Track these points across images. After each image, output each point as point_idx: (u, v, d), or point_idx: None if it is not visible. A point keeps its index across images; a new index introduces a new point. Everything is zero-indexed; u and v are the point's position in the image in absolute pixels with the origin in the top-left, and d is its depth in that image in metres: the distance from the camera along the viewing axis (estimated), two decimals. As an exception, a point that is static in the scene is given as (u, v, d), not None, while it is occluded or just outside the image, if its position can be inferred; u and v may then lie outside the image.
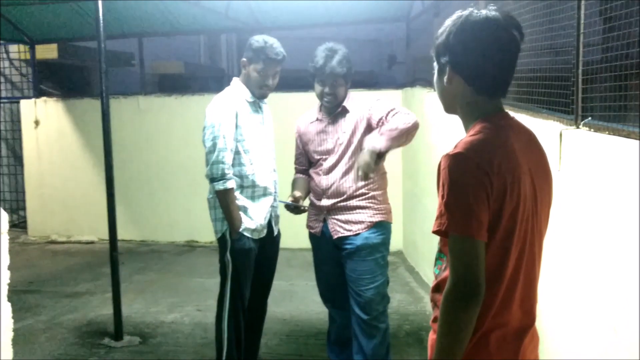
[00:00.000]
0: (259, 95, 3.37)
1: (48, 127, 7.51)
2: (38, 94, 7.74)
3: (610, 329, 2.11)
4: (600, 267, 2.21)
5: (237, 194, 3.26)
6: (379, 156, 2.88)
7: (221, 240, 3.33)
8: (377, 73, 12.14)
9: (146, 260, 6.51)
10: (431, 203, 4.89)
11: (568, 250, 2.46)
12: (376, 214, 3.18)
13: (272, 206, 3.44)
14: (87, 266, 6.31)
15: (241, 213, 3.27)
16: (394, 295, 5.11)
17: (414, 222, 5.88)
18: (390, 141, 2.89)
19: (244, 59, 3.33)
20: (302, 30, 7.91)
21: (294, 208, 3.28)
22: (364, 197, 3.18)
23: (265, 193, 3.37)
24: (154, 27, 7.43)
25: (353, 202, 3.18)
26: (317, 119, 3.31)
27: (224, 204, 3.22)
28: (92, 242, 7.34)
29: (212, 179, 3.21)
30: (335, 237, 3.21)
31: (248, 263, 3.34)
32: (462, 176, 1.47)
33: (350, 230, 3.18)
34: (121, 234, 4.50)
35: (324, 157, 3.25)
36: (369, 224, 3.17)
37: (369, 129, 3.13)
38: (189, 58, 10.80)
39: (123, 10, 6.53)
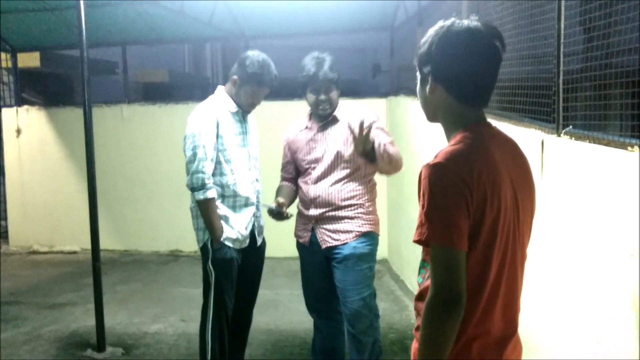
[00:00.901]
0: (245, 110, 3.38)
1: (30, 136, 7.44)
2: (20, 102, 7.67)
3: (593, 340, 2.12)
4: (583, 276, 2.22)
5: (218, 203, 3.25)
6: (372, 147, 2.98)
7: (203, 249, 3.32)
8: (361, 82, 12.18)
9: (129, 271, 6.45)
10: (415, 211, 4.89)
11: (550, 259, 2.47)
12: (365, 224, 3.18)
13: (255, 216, 3.42)
14: (69, 277, 6.23)
15: (222, 222, 3.25)
16: (378, 303, 5.10)
17: (398, 231, 5.89)
18: (382, 141, 3.01)
19: (235, 77, 3.30)
20: (286, 39, 7.93)
21: (277, 214, 3.26)
22: (352, 207, 3.17)
23: (247, 203, 3.35)
24: (137, 35, 7.40)
25: (341, 212, 3.17)
26: (307, 127, 3.31)
27: (204, 214, 3.21)
28: (74, 252, 7.26)
29: (193, 189, 3.21)
30: (324, 247, 3.21)
31: (230, 273, 3.32)
32: (442, 186, 1.47)
33: (338, 240, 3.17)
34: (104, 244, 4.46)
35: (312, 165, 3.25)
36: (357, 233, 3.16)
37: None
38: (173, 66, 10.74)
39: (106, 18, 6.50)
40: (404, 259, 5.71)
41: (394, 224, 6.13)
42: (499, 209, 1.51)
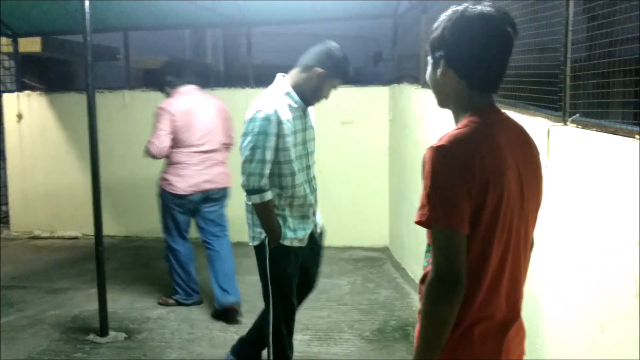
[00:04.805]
0: (311, 104, 3.18)
1: (31, 121, 7.42)
2: (21, 87, 7.64)
3: (597, 325, 2.13)
4: (587, 263, 2.23)
5: (276, 204, 3.08)
6: None
7: (260, 248, 3.14)
8: (363, 69, 12.16)
9: (131, 256, 6.46)
10: (417, 199, 4.89)
11: (555, 247, 2.48)
12: None
13: (313, 214, 3.26)
14: (71, 262, 6.25)
15: (280, 223, 3.09)
16: (380, 291, 5.13)
17: (400, 218, 5.90)
18: None
19: (321, 70, 3.04)
20: (289, 26, 7.89)
21: None
22: None
23: (304, 203, 3.17)
24: (139, 21, 7.36)
25: None
26: None
27: (261, 217, 3.04)
28: (76, 238, 7.27)
29: (248, 191, 3.03)
30: None
31: (289, 271, 3.16)
32: (443, 168, 1.48)
33: None
34: (105, 230, 4.46)
35: None
36: None
37: None
38: (174, 53, 10.71)
39: (108, 3, 6.45)
40: (405, 247, 5.72)
41: (395, 211, 6.14)
42: (501, 193, 1.51)
